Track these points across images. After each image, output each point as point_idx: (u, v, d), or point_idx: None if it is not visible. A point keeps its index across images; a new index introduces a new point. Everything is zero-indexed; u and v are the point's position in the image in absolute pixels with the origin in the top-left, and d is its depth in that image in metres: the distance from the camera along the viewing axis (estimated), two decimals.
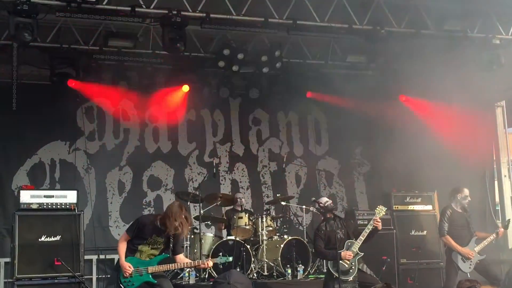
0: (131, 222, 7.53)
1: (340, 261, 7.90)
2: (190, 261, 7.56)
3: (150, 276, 7.20)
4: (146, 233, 7.24)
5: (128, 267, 7.13)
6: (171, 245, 7.27)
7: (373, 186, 12.93)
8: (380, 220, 8.10)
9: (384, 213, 8.27)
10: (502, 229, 9.13)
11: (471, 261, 8.88)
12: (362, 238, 8.09)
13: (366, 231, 8.10)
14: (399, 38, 10.00)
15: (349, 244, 8.14)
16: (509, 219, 9.89)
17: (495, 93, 11.51)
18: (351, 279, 7.99)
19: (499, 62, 10.05)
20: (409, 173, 11.47)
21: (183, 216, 7.16)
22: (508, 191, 11.80)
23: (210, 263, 7.39)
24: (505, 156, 11.94)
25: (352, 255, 8.03)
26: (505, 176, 11.84)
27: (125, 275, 7.15)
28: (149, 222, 7.30)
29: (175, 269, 7.49)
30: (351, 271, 7.99)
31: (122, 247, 7.26)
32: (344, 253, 8.01)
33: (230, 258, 7.78)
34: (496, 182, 11.82)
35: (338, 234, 8.19)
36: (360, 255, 8.13)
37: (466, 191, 9.16)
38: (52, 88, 10.86)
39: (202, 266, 7.54)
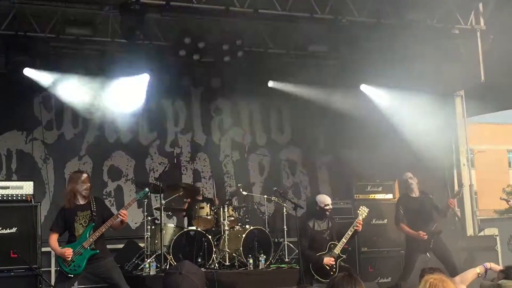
0: (54, 220, 7.67)
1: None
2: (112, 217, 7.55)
3: (89, 249, 7.35)
4: (70, 216, 7.44)
5: (67, 251, 7.28)
6: (95, 214, 7.42)
7: (336, 175, 12.98)
8: (361, 222, 8.19)
9: (366, 215, 8.35)
10: (452, 200, 9.25)
11: (426, 242, 8.94)
12: (344, 240, 8.23)
13: (349, 233, 8.22)
14: (360, 27, 10.02)
15: (331, 246, 8.22)
16: (462, 184, 10.07)
17: (454, 83, 11.64)
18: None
19: (458, 52, 10.15)
20: (370, 163, 11.55)
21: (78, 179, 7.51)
22: (467, 180, 11.97)
23: (125, 213, 7.42)
24: (464, 145, 12.11)
25: (334, 260, 8.10)
26: (464, 165, 12.01)
27: (68, 260, 7.28)
28: (67, 205, 7.52)
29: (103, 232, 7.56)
30: (331, 273, 8.05)
31: (53, 241, 7.45)
32: (327, 260, 8.12)
33: (147, 189, 7.93)
34: (455, 171, 11.99)
35: (324, 235, 8.29)
36: (342, 258, 8.20)
37: (406, 175, 9.33)
38: (8, 77, 10.59)
39: (120, 218, 7.48)
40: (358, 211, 8.42)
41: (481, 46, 10.22)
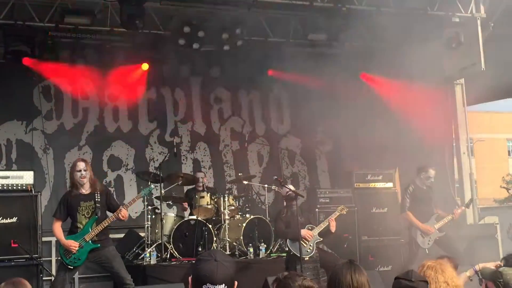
0: (56, 206, 7.70)
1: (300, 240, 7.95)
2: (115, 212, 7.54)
3: (91, 242, 7.40)
4: (73, 205, 7.45)
5: (73, 243, 7.31)
6: (98, 206, 7.44)
7: (335, 164, 12.98)
8: (334, 222, 8.13)
9: (340, 213, 8.29)
10: (459, 210, 9.27)
11: (430, 237, 9.01)
12: (322, 225, 8.17)
13: (326, 223, 8.18)
14: (360, 15, 9.98)
15: (309, 228, 8.20)
16: (470, 199, 10.07)
17: (454, 71, 11.61)
18: (307, 258, 8.03)
19: (458, 40, 10.12)
20: (370, 151, 11.54)
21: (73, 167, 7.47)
22: (467, 169, 11.96)
23: (125, 212, 7.45)
24: (464, 133, 12.08)
25: (312, 236, 8.08)
26: (464, 153, 11.98)
27: (73, 251, 7.32)
28: (70, 194, 7.55)
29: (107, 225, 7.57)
30: (308, 251, 8.04)
31: (58, 230, 7.48)
32: (305, 232, 8.06)
33: (152, 186, 8.04)
34: (455, 160, 11.97)
35: (301, 218, 8.24)
36: (319, 240, 8.19)
37: (431, 172, 9.28)
38: (7, 66, 10.56)
39: (121, 215, 7.49)
40: (338, 208, 8.37)
41: (482, 34, 10.19)
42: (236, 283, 3.20)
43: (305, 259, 7.99)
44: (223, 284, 3.10)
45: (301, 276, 3.56)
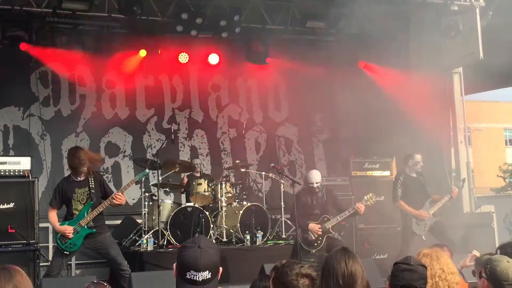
0: (51, 195, 7.75)
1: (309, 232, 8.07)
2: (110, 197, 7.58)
3: (86, 227, 7.45)
4: (69, 192, 7.51)
5: (67, 229, 7.38)
6: (93, 192, 7.49)
7: (332, 152, 12.99)
8: (363, 207, 8.20)
9: (372, 203, 8.37)
10: (457, 189, 9.33)
11: (425, 223, 9.05)
12: (339, 218, 8.25)
13: (346, 213, 8.25)
14: (358, 3, 9.93)
15: (324, 219, 8.26)
16: (464, 178, 10.14)
17: (452, 60, 11.58)
18: (314, 251, 8.09)
19: (457, 28, 10.09)
20: (367, 140, 11.55)
21: (82, 155, 7.48)
22: (464, 158, 11.98)
23: (121, 195, 7.50)
24: (461, 122, 12.08)
25: (321, 231, 8.13)
26: (461, 142, 11.99)
27: (69, 237, 7.38)
28: (65, 182, 7.62)
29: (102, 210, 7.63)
30: (316, 244, 8.10)
31: (53, 217, 7.57)
32: (313, 226, 8.15)
33: (147, 170, 8.07)
34: (452, 149, 11.98)
35: (315, 210, 8.32)
36: (331, 234, 8.23)
37: (418, 157, 9.34)
38: (4, 52, 10.52)
39: (116, 200, 7.52)
40: (365, 197, 8.44)
41: (480, 23, 10.16)
42: (221, 269, 3.17)
43: (311, 251, 8.07)
44: (207, 271, 3.07)
45: (299, 264, 3.57)
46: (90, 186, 7.52)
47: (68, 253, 7.50)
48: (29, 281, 3.96)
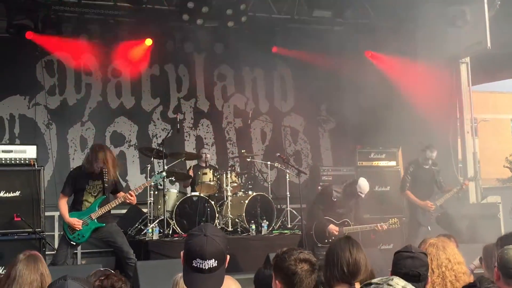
0: (64, 182, 7.70)
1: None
2: (123, 194, 7.61)
3: (96, 221, 7.45)
4: (82, 183, 7.50)
5: (77, 221, 7.37)
6: (106, 186, 7.48)
7: (338, 142, 12.97)
8: (384, 228, 8.27)
9: (394, 227, 8.38)
10: (468, 182, 9.31)
11: (431, 214, 9.03)
12: (358, 229, 8.31)
13: (367, 227, 8.32)
14: None
15: (345, 223, 8.30)
16: (476, 172, 10.11)
17: (460, 50, 11.51)
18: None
19: (464, 18, 10.02)
20: (374, 130, 11.50)
21: (103, 152, 7.46)
22: (471, 148, 11.92)
23: (132, 196, 7.52)
24: (468, 113, 12.01)
25: (337, 234, 8.19)
26: (468, 133, 11.92)
27: (77, 229, 7.39)
28: (80, 172, 7.60)
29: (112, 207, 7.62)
30: (326, 241, 8.16)
31: (63, 206, 7.53)
32: (332, 227, 8.19)
33: (164, 174, 8.12)
34: (459, 139, 11.92)
35: (340, 210, 8.34)
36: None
37: (429, 154, 9.30)
38: (10, 41, 10.52)
39: (128, 200, 7.56)
40: (390, 220, 8.44)
41: (488, 12, 10.07)
42: (228, 257, 3.14)
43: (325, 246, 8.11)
44: (213, 259, 3.04)
45: (298, 250, 3.56)
46: (104, 179, 7.51)
47: (74, 243, 7.50)
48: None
